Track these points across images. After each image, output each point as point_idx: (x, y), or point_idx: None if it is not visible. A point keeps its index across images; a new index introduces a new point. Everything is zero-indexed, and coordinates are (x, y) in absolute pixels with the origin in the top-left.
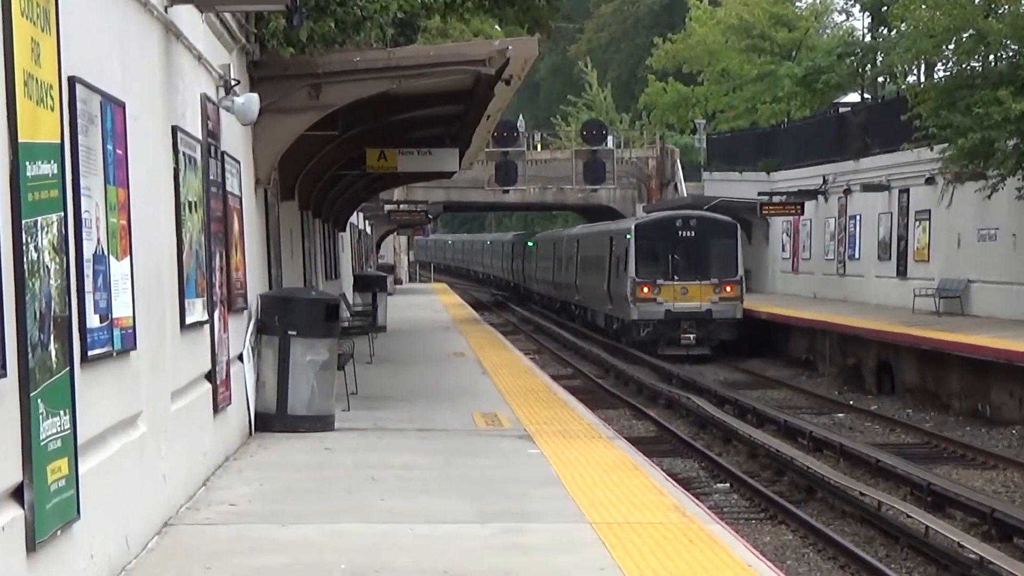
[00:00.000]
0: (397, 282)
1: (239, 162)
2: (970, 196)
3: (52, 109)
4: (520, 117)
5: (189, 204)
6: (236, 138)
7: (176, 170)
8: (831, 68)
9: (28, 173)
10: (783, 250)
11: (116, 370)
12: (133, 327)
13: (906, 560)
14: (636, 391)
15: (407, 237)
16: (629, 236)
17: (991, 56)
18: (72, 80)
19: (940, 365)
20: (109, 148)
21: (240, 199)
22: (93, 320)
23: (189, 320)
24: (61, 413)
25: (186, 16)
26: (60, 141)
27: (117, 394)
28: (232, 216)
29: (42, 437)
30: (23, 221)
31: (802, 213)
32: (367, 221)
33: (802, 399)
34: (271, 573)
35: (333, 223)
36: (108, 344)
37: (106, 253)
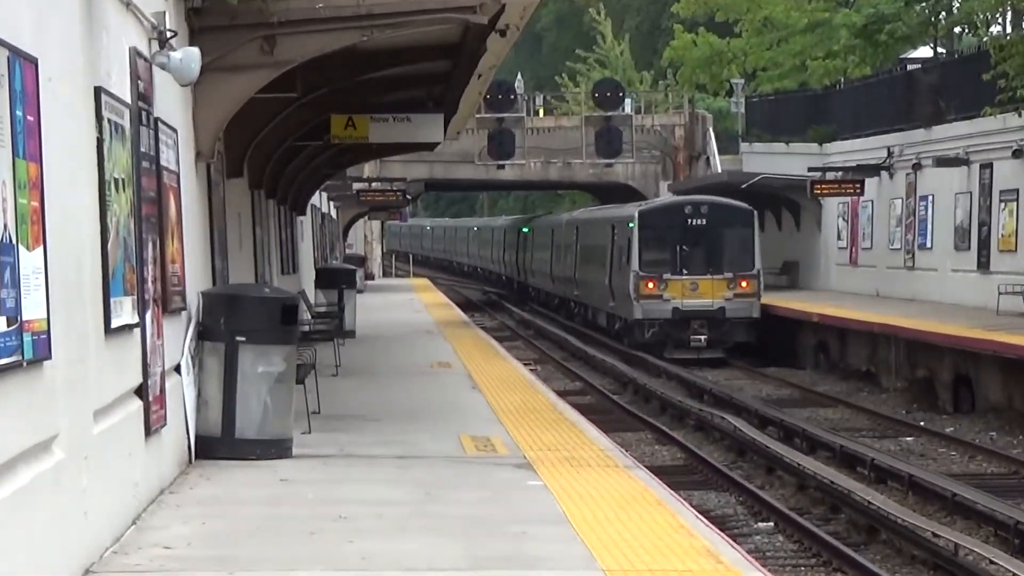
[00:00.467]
0: (368, 277)
1: (176, 131)
2: None
3: None
4: (519, 76)
5: (116, 182)
6: (173, 102)
7: (100, 141)
8: (897, 16)
9: None
10: (839, 238)
11: (26, 384)
12: (47, 332)
13: None
14: (659, 409)
15: (381, 222)
16: (632, 224)
17: None
18: None
19: None
20: (18, 114)
21: (177, 176)
22: None
23: (116, 323)
24: None
25: None
26: None
27: (27, 413)
28: (168, 197)
29: None
30: None
31: (862, 193)
32: (332, 203)
33: (862, 419)
34: None
35: (291, 205)
36: (16, 352)
37: (14, 241)
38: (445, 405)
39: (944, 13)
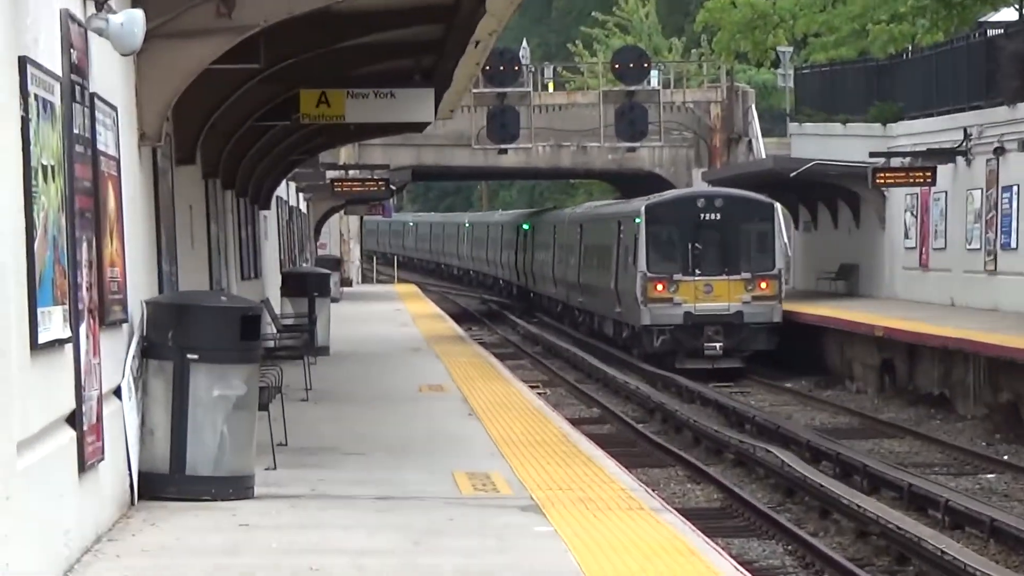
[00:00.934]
0: (345, 283)
1: (116, 109)
2: None
3: None
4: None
5: (44, 170)
6: (113, 75)
7: (25, 120)
8: None
9: None
10: (906, 237)
11: None
12: None
13: None
14: (692, 441)
15: (359, 218)
16: (639, 220)
17: None
18: None
19: None
20: None
21: (118, 162)
22: None
23: (43, 338)
24: None
25: None
26: None
27: None
28: (106, 187)
29: None
30: None
31: (933, 183)
32: (301, 195)
33: (934, 452)
34: None
35: (252, 198)
36: None
37: None
38: (436, 436)
39: None
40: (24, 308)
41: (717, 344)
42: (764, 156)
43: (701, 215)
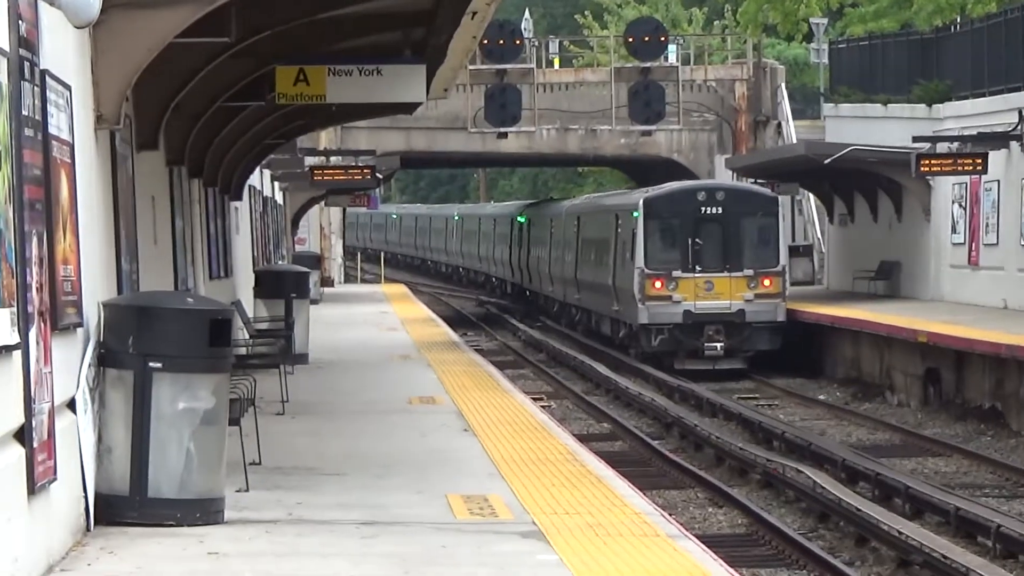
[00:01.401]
0: (326, 283)
1: (70, 88)
2: None
3: None
4: (526, 15)
5: None
6: (66, 49)
7: None
8: None
9: None
10: (953, 231)
11: None
12: None
13: None
14: (714, 460)
15: (342, 210)
16: (636, 214)
17: None
18: None
19: None
20: None
21: (71, 148)
22: None
23: None
24: None
25: None
26: None
27: None
28: (58, 176)
29: None
30: None
31: (985, 171)
32: (277, 184)
33: (984, 472)
34: None
35: (222, 187)
36: None
37: None
38: (428, 454)
39: None
40: None
41: (718, 344)
42: (795, 141)
43: (702, 209)
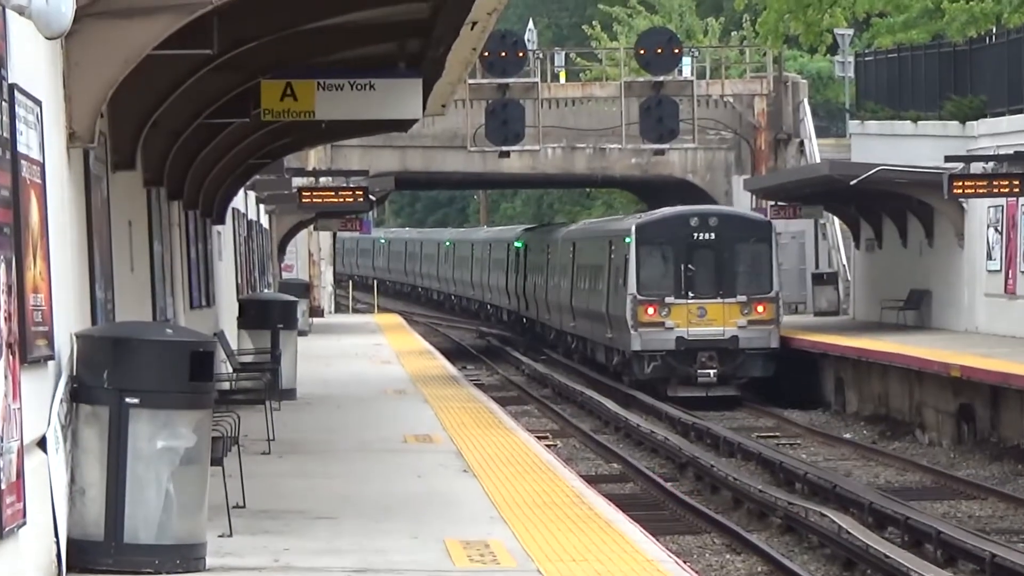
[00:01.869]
0: (315, 313)
1: (40, 103)
2: None
3: None
4: (530, 25)
5: None
6: (36, 62)
7: None
8: None
9: None
10: (989, 257)
11: None
12: None
13: None
14: (732, 503)
15: (332, 234)
16: (629, 240)
17: None
18: None
19: None
20: None
21: (42, 168)
22: None
23: None
24: None
25: None
26: None
27: None
28: (28, 197)
29: None
30: None
31: (1022, 194)
32: (263, 207)
33: (1022, 516)
34: None
35: (204, 210)
36: None
37: None
38: (424, 496)
39: None
40: None
41: (711, 371)
42: (819, 160)
43: (694, 234)
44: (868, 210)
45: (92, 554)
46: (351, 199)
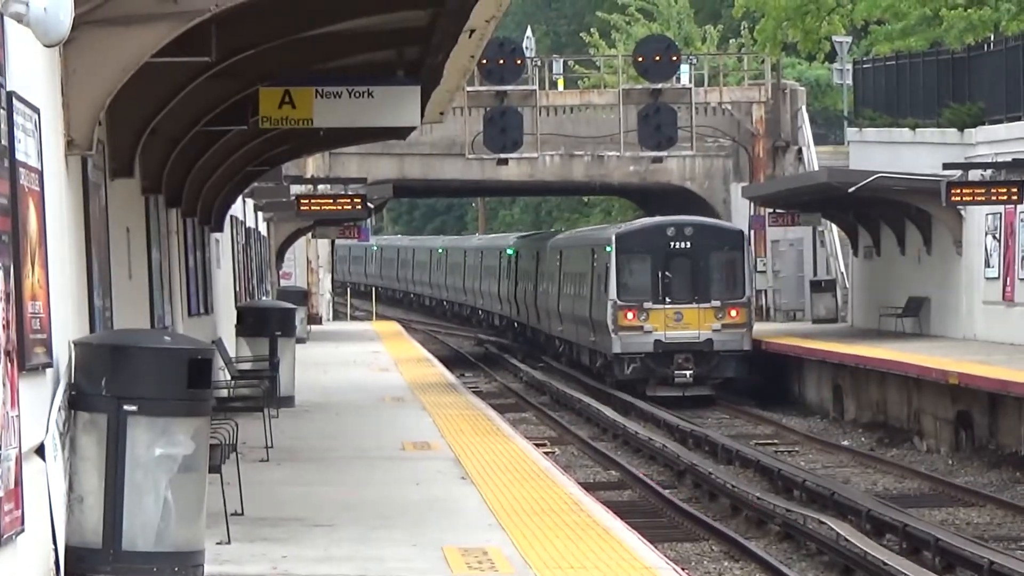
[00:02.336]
0: (313, 320)
1: (39, 111)
2: None
3: None
4: (528, 33)
5: None
6: (34, 70)
7: None
8: None
9: None
10: (987, 264)
11: None
12: None
13: None
14: (730, 510)
15: (331, 241)
16: (609, 248)
17: None
18: None
19: None
20: None
21: (40, 175)
22: None
23: None
24: None
25: None
26: None
27: None
28: (26, 205)
29: None
30: None
31: (1020, 201)
32: (261, 214)
33: (1020, 523)
34: None
35: (202, 218)
36: None
37: None
38: (423, 503)
39: None
40: None
41: (687, 372)
42: (817, 168)
43: (671, 243)
44: (866, 217)
45: (90, 561)
46: (349, 206)
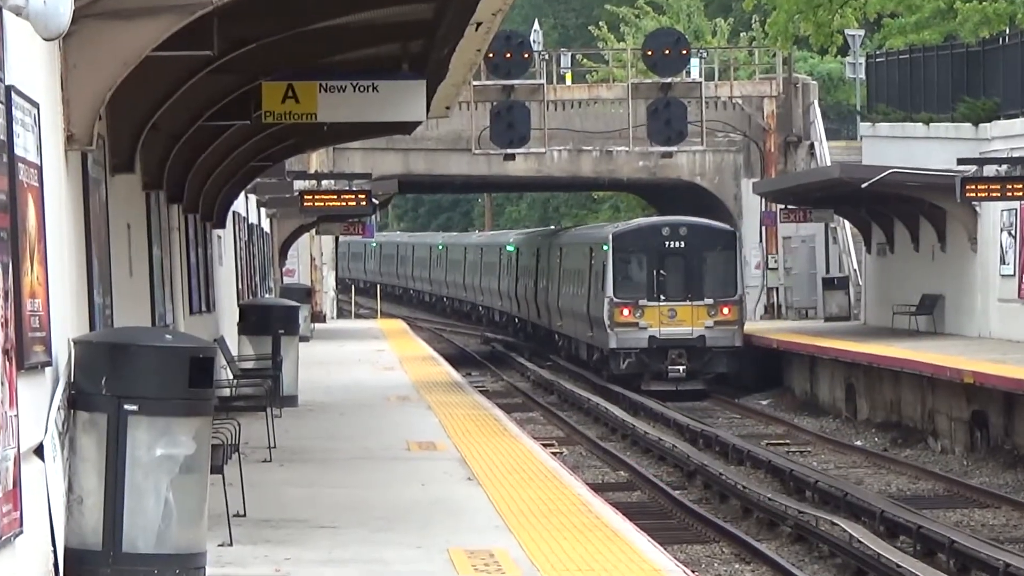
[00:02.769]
0: (316, 318)
1: (38, 106)
2: None
3: None
4: (536, 26)
5: None
6: (33, 64)
7: None
8: None
9: None
10: (1002, 261)
11: None
12: None
13: None
14: (741, 512)
15: (335, 238)
16: (606, 247)
17: None
18: None
19: None
20: None
21: (39, 170)
22: None
23: None
24: None
25: None
26: None
27: None
28: (25, 201)
29: None
30: None
31: None
32: (264, 210)
33: None
34: None
35: (204, 214)
36: None
37: None
38: (428, 504)
39: None
40: None
41: (680, 367)
42: (829, 163)
43: (666, 243)
44: (879, 214)
45: (90, 563)
46: (353, 202)
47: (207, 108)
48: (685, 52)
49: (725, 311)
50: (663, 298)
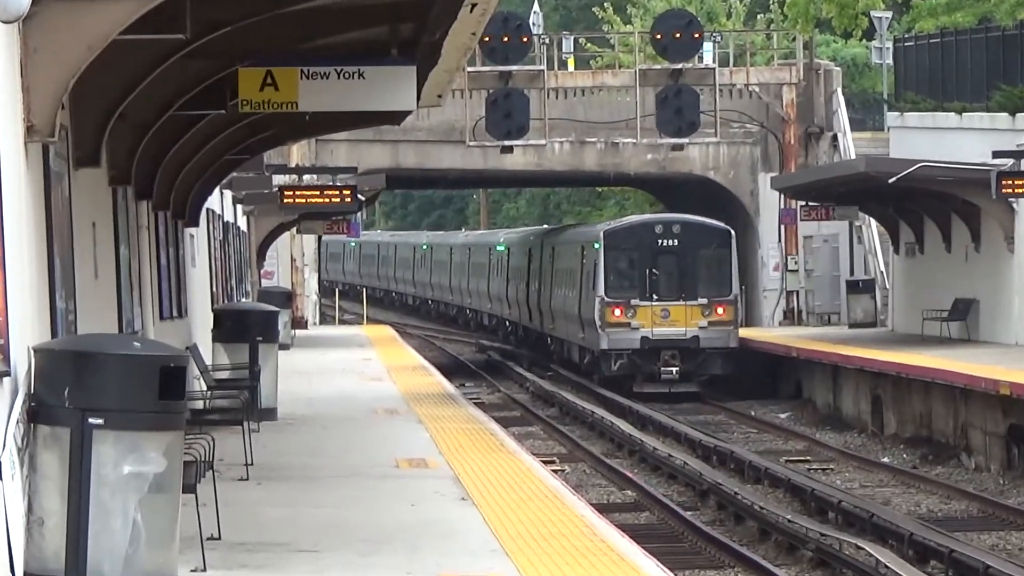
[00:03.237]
0: (298, 324)
1: None
2: None
3: None
4: (535, 7)
5: None
6: None
7: None
8: None
9: None
10: None
11: None
12: None
13: None
14: (757, 534)
15: (317, 237)
16: (597, 246)
17: None
18: None
19: None
20: None
21: None
22: None
23: None
24: None
25: None
26: None
27: None
28: None
29: None
30: None
31: None
32: (240, 207)
33: None
34: None
35: (175, 212)
36: None
37: None
38: (418, 527)
39: None
40: None
41: (674, 368)
42: (854, 156)
43: (659, 241)
44: (908, 211)
45: None
46: (338, 199)
47: (179, 96)
48: (697, 36)
49: (720, 311)
50: (656, 298)
